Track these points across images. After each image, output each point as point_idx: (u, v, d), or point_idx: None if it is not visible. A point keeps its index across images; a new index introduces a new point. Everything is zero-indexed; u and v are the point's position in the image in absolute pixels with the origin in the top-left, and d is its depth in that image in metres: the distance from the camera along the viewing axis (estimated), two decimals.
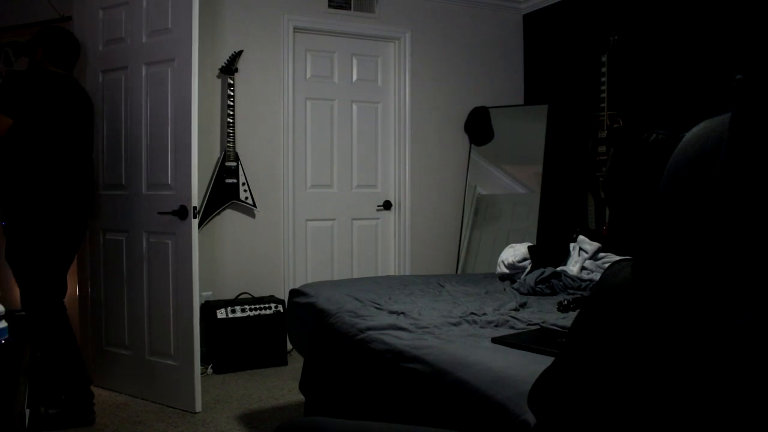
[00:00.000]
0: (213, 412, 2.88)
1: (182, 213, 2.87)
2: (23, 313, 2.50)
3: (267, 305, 3.64)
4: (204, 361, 3.35)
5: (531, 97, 4.62)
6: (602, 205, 3.82)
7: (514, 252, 3.21)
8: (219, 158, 3.74)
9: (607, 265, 1.96)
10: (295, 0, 3.97)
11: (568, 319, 2.13)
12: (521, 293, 2.78)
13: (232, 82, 3.72)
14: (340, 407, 2.26)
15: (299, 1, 3.99)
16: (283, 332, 3.64)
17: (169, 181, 2.95)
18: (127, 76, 3.09)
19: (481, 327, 2.10)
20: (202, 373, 3.15)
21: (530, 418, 1.26)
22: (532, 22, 4.61)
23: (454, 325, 2.11)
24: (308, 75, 4.09)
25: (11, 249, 2.69)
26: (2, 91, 2.59)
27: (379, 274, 4.19)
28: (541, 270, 2.91)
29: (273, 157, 3.95)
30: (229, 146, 3.73)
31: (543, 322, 2.04)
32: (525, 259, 3.13)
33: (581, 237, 3.21)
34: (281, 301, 3.69)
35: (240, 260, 3.85)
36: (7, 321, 1.74)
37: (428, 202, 4.41)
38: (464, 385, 1.54)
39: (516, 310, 2.39)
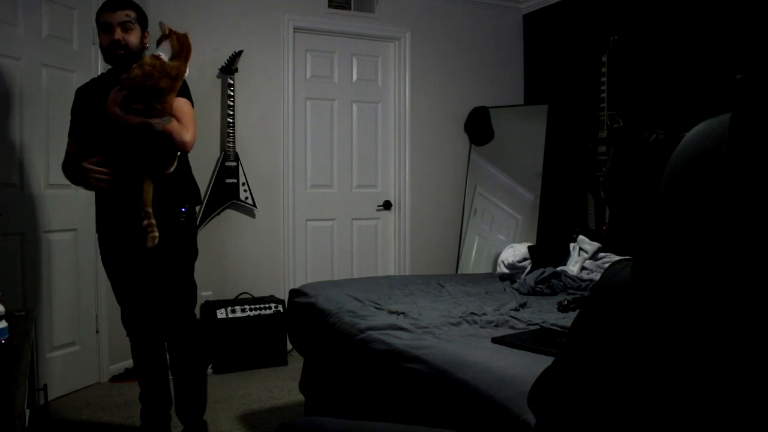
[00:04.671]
0: (213, 412, 2.88)
1: None
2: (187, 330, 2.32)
3: (267, 305, 3.64)
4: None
5: (531, 97, 4.61)
6: (602, 205, 3.82)
7: (514, 252, 3.22)
8: (219, 158, 3.74)
9: (607, 265, 1.96)
10: (295, 0, 3.97)
11: (568, 319, 2.13)
12: (521, 293, 2.78)
13: (232, 82, 3.71)
14: (340, 407, 2.26)
15: (299, 1, 3.98)
16: (283, 332, 3.64)
17: None
18: None
19: (481, 327, 2.10)
20: None
21: (530, 418, 1.26)
22: (532, 22, 4.61)
23: (454, 325, 2.11)
24: (308, 75, 4.09)
25: (184, 243, 2.41)
26: None
27: (379, 274, 4.19)
28: (541, 270, 2.91)
29: (273, 157, 3.95)
30: (229, 146, 3.73)
31: (543, 322, 2.04)
32: (525, 259, 3.13)
33: (581, 237, 3.21)
34: (281, 301, 3.69)
35: (240, 260, 3.85)
36: (7, 321, 1.74)
37: (428, 202, 4.41)
38: (464, 385, 1.54)
39: (516, 310, 2.39)
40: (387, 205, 4.33)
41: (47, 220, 3.02)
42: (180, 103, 2.22)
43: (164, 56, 2.17)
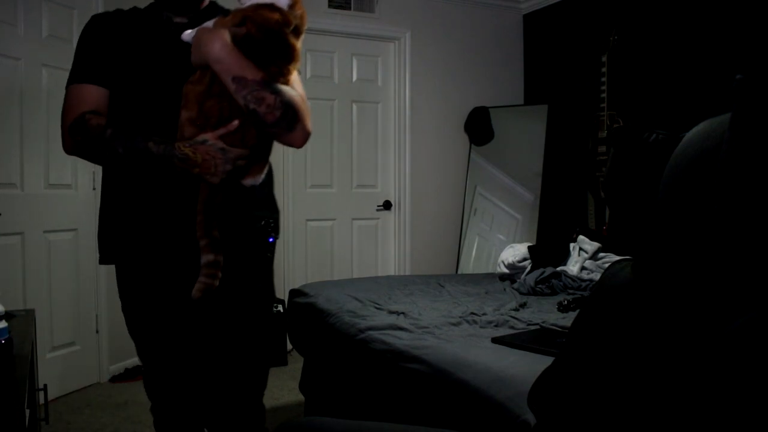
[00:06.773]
0: None
1: None
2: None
3: None
4: None
5: (531, 97, 4.61)
6: (602, 205, 3.82)
7: (514, 252, 3.22)
8: None
9: (607, 265, 1.96)
10: None
11: (568, 319, 2.13)
12: (521, 293, 2.78)
13: None
14: (340, 407, 2.26)
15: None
16: (283, 332, 3.64)
17: None
18: None
19: (481, 327, 2.10)
20: None
21: (530, 418, 1.26)
22: (532, 22, 4.61)
23: (454, 325, 2.11)
24: (308, 75, 4.09)
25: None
26: None
27: (379, 274, 4.19)
28: (541, 270, 2.91)
29: (273, 157, 3.92)
30: None
31: (543, 322, 2.04)
32: (525, 259, 3.13)
33: (581, 237, 3.21)
34: (281, 301, 3.68)
35: None
36: (7, 321, 1.74)
37: (428, 202, 4.41)
38: (464, 385, 1.54)
39: (516, 310, 2.39)
40: (387, 205, 4.33)
41: (47, 220, 3.02)
42: (296, 78, 1.49)
43: (282, 5, 1.45)
